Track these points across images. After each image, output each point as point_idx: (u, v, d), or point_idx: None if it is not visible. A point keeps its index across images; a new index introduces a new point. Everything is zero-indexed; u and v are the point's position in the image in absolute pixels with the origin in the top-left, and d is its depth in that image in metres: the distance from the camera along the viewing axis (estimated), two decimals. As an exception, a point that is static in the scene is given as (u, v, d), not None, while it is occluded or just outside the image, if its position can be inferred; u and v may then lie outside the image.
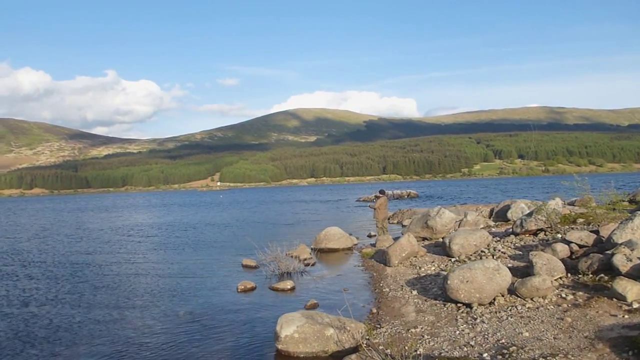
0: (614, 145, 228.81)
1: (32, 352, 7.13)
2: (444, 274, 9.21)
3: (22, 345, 7.44)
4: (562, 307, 6.93)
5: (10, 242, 22.64)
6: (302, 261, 13.15)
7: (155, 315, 8.83)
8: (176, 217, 37.95)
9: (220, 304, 9.44)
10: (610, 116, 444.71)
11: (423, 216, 15.51)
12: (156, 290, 10.93)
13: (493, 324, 6.62)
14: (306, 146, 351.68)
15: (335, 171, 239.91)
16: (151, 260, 15.39)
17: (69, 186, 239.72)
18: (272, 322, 7.37)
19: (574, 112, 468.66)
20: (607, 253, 8.00)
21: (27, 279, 12.78)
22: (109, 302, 9.95)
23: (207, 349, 7.00)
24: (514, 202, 17.52)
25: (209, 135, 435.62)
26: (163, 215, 41.73)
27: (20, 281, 12.53)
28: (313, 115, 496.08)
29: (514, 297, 7.50)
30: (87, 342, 7.44)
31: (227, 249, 17.55)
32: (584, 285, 7.62)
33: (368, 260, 12.94)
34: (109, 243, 20.72)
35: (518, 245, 11.13)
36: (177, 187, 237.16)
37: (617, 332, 5.80)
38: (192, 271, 13.15)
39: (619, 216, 11.90)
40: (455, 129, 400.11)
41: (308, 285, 10.85)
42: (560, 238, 10.30)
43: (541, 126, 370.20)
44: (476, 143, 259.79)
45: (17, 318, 8.94)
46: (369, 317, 7.92)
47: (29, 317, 8.99)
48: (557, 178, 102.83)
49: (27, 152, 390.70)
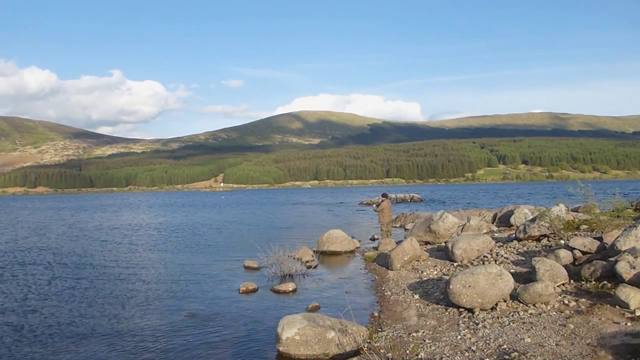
0: (619, 152, 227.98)
1: (30, 350, 7.16)
2: (446, 278, 9.20)
3: (24, 342, 7.47)
4: (565, 313, 6.90)
5: (14, 240, 22.74)
6: (304, 263, 13.16)
7: (156, 315, 8.85)
8: (178, 217, 38.02)
9: (221, 305, 9.45)
10: (615, 123, 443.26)
11: (426, 220, 15.49)
12: (157, 291, 10.95)
13: (495, 329, 6.60)
14: (309, 148, 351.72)
15: (339, 174, 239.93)
16: (152, 261, 15.42)
17: (73, 185, 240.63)
18: (273, 323, 7.38)
19: (578, 118, 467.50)
20: (611, 260, 7.97)
21: (26, 281, 12.83)
22: (110, 302, 9.97)
23: (209, 349, 7.01)
24: (517, 207, 17.48)
25: (213, 136, 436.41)
26: (165, 215, 41.81)
27: (22, 282, 12.58)
28: (317, 118, 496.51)
29: (517, 303, 7.48)
30: (87, 342, 7.47)
31: (229, 250, 17.56)
32: (587, 292, 7.59)
33: (370, 264, 12.93)
34: (109, 243, 20.77)
35: (521, 250, 11.10)
36: (181, 188, 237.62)
37: (620, 340, 5.78)
38: (194, 272, 13.17)
39: (622, 223, 11.85)
40: (459, 134, 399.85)
41: (310, 287, 10.85)
42: (564, 244, 10.26)
43: (545, 132, 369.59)
44: (480, 148, 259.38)
45: (21, 316, 8.98)
46: (371, 321, 7.91)
47: (30, 316, 9.03)
48: (560, 184, 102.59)
49: (31, 151, 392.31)
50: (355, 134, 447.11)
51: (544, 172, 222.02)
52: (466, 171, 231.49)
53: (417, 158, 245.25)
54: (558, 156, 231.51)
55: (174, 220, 34.79)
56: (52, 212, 52.55)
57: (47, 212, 51.40)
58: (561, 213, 12.37)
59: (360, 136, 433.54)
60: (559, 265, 8.31)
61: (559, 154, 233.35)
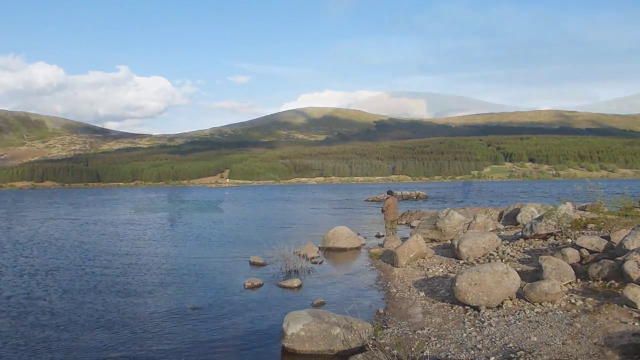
0: (627, 150, 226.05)
1: (35, 342, 7.22)
2: (452, 276, 9.17)
3: (31, 333, 7.53)
4: (571, 312, 6.87)
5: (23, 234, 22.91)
6: (310, 260, 13.17)
7: (162, 310, 8.89)
8: (184, 213, 38.15)
9: (227, 300, 9.48)
10: (623, 121, 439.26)
11: (432, 218, 15.45)
12: (163, 285, 11.00)
13: (501, 327, 6.58)
14: (315, 145, 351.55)
15: (344, 171, 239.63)
16: (158, 256, 15.48)
17: (80, 180, 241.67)
18: (278, 319, 7.39)
19: (585, 116, 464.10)
20: (618, 259, 7.92)
21: (33, 274, 12.93)
22: (115, 296, 10.03)
23: (213, 344, 7.04)
24: (523, 205, 17.39)
25: (219, 132, 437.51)
26: (171, 210, 41.98)
27: (32, 275, 12.67)
28: (323, 114, 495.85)
29: (523, 301, 7.45)
30: (89, 334, 7.52)
31: (235, 246, 17.61)
32: (594, 292, 7.54)
33: (376, 261, 12.91)
34: (114, 237, 20.87)
35: (527, 249, 11.04)
36: (187, 183, 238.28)
37: (627, 340, 5.74)
38: (199, 267, 13.22)
39: (631, 222, 11.76)
40: (465, 131, 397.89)
41: (315, 283, 10.86)
42: (571, 243, 10.21)
43: (552, 130, 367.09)
44: (487, 146, 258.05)
45: (31, 308, 9.06)
46: (376, 317, 7.90)
47: (38, 308, 9.10)
48: (568, 182, 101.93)
49: (39, 145, 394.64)
50: (361, 130, 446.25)
51: (551, 170, 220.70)
52: (472, 169, 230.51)
53: (423, 155, 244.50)
54: (565, 154, 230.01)
55: (179, 215, 34.93)
56: (58, 206, 52.91)
57: (54, 207, 51.74)
58: (568, 212, 12.29)
59: (366, 133, 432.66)
60: (566, 264, 8.27)
61: (566, 152, 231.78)
